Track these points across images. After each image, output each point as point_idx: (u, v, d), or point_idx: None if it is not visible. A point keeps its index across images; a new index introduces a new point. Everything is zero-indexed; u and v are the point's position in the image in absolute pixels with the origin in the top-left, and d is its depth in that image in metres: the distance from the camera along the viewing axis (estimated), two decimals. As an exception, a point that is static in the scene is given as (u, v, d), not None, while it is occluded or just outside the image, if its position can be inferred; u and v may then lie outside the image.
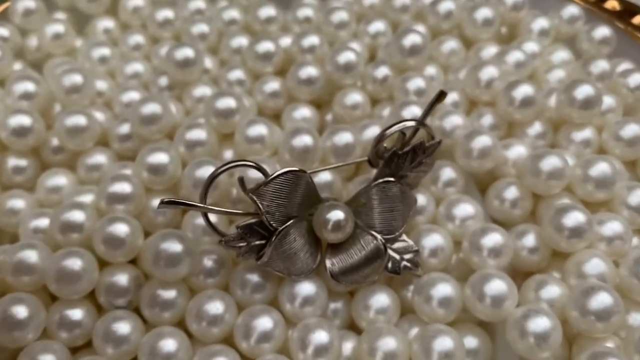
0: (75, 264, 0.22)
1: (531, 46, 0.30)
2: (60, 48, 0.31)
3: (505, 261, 0.23)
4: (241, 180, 0.22)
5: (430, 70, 0.29)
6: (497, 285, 0.22)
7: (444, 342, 0.22)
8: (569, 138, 0.27)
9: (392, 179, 0.24)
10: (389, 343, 0.22)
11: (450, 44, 0.30)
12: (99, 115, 0.28)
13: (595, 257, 0.23)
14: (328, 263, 0.23)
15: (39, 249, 0.23)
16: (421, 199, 0.25)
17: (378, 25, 0.31)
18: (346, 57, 0.28)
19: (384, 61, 0.29)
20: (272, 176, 0.22)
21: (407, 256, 0.23)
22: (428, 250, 0.24)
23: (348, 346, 0.23)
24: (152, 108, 0.27)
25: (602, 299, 0.21)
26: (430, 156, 0.24)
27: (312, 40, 0.30)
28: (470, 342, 0.23)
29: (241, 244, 0.22)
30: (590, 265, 0.23)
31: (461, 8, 0.31)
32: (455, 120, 0.26)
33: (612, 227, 0.24)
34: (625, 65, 0.30)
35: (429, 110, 0.24)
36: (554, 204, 0.24)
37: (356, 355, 0.22)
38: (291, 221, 0.22)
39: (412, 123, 0.24)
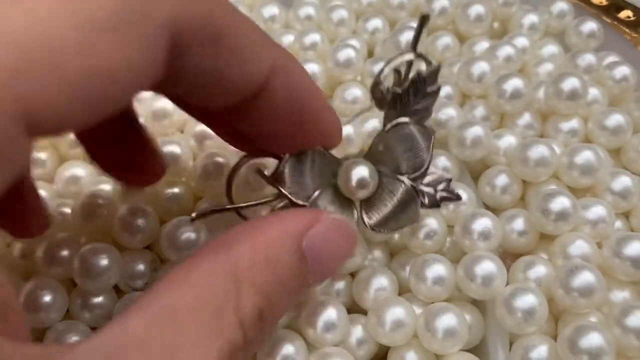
0: (101, 261, 0.24)
1: (521, 41, 0.31)
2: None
3: (494, 244, 0.25)
4: (260, 171, 0.22)
5: (426, 65, 0.31)
6: (487, 266, 0.24)
7: (448, 320, 0.23)
8: (557, 128, 0.28)
9: (403, 119, 0.23)
10: (396, 312, 0.23)
11: (445, 40, 0.32)
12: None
13: (579, 239, 0.25)
14: (366, 218, 0.23)
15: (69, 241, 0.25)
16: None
17: (376, 22, 0.32)
18: (346, 53, 0.30)
19: (382, 57, 0.30)
20: (285, 159, 0.22)
21: (440, 187, 0.24)
22: (423, 234, 0.25)
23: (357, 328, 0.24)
24: (162, 104, 0.28)
25: (585, 277, 0.23)
26: (433, 83, 0.23)
27: (314, 37, 0.31)
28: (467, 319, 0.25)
29: None
30: (575, 246, 0.25)
31: (455, 5, 0.32)
32: (449, 112, 0.28)
33: (596, 211, 0.26)
34: (611, 58, 0.31)
35: (417, 37, 0.23)
36: (542, 190, 0.26)
37: (368, 327, 0.24)
38: (317, 192, 0.22)
39: (406, 57, 0.23)
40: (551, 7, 0.33)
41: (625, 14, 0.33)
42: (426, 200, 0.24)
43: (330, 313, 0.23)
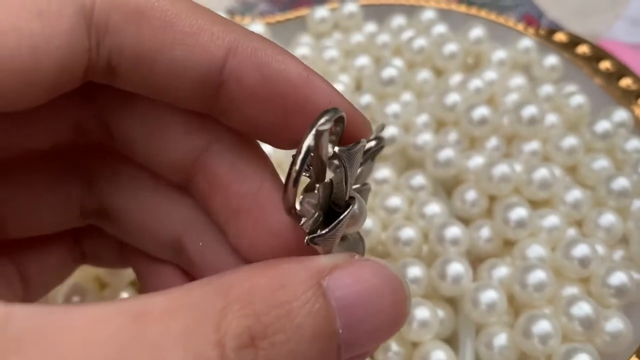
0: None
1: (490, 74, 0.36)
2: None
3: (462, 249, 0.29)
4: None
5: (406, 96, 0.35)
6: (456, 267, 0.28)
7: (422, 312, 0.27)
8: (520, 149, 0.33)
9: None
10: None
11: (423, 74, 0.36)
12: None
13: (535, 243, 0.29)
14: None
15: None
16: (397, 201, 0.31)
17: (363, 60, 0.37)
18: (336, 87, 0.34)
19: (367, 90, 0.35)
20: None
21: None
22: (403, 241, 0.30)
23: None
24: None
25: (537, 275, 0.27)
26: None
27: (308, 74, 0.36)
28: (438, 313, 0.29)
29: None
30: (532, 250, 0.29)
31: (432, 44, 0.37)
32: (426, 137, 0.33)
33: (551, 220, 0.30)
34: (569, 88, 0.36)
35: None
36: (503, 202, 0.30)
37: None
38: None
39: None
40: (517, 43, 0.38)
41: (582, 49, 0.37)
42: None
43: None
